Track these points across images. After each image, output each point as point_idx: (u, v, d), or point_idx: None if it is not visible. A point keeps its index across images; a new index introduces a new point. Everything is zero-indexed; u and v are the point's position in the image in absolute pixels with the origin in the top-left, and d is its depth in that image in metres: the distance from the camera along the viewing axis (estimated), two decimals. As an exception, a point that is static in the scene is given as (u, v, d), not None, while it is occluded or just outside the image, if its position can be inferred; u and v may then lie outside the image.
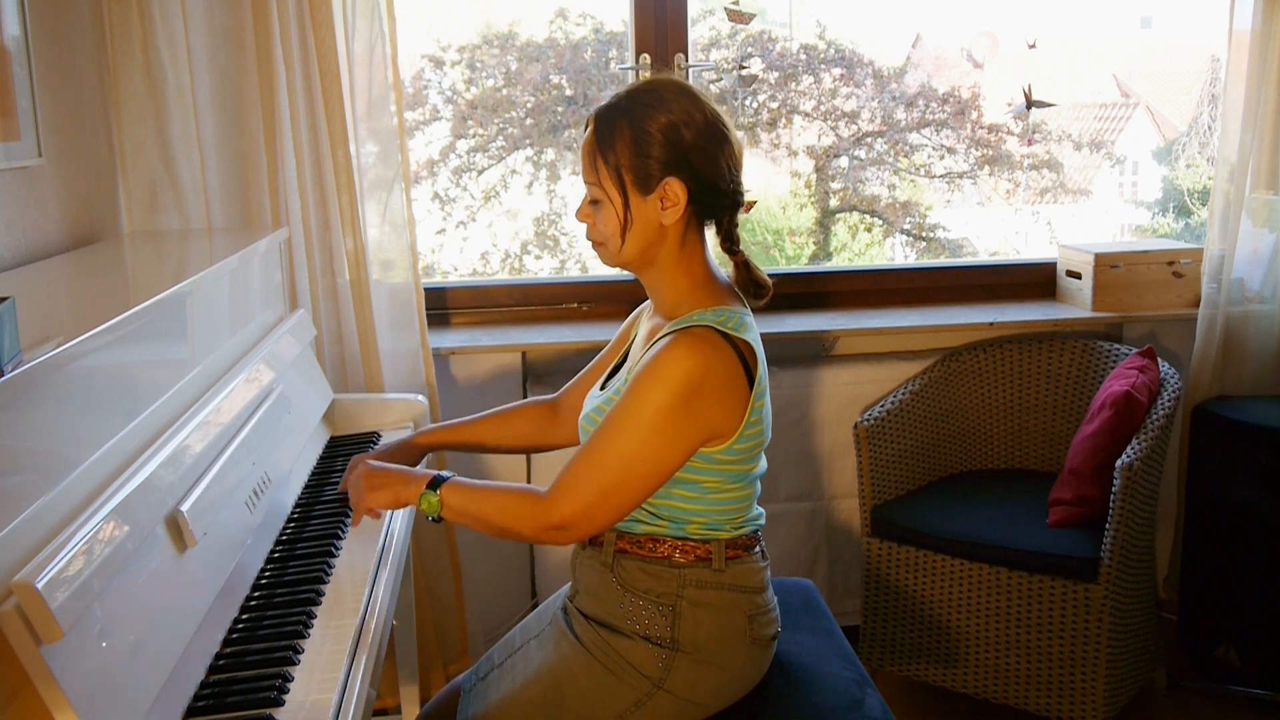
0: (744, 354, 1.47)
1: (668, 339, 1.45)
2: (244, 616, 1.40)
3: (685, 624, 1.50)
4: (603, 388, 1.63)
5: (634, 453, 1.42)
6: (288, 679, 1.24)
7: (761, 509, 1.61)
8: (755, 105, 3.41)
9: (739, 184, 1.53)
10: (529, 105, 3.32)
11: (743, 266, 1.58)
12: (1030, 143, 3.52)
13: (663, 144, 1.46)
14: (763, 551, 1.59)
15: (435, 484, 1.50)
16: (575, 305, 2.83)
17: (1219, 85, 3.12)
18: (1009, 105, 3.44)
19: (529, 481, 2.69)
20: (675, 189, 1.47)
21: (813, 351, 2.82)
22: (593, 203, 1.53)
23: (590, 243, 1.57)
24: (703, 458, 1.47)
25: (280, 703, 1.20)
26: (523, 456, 2.66)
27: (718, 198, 1.51)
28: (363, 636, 1.37)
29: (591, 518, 1.44)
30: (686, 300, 1.53)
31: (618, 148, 1.48)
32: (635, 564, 1.52)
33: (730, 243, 1.57)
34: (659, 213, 1.48)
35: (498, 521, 1.49)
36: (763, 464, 1.57)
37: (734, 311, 1.51)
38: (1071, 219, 3.70)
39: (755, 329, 1.53)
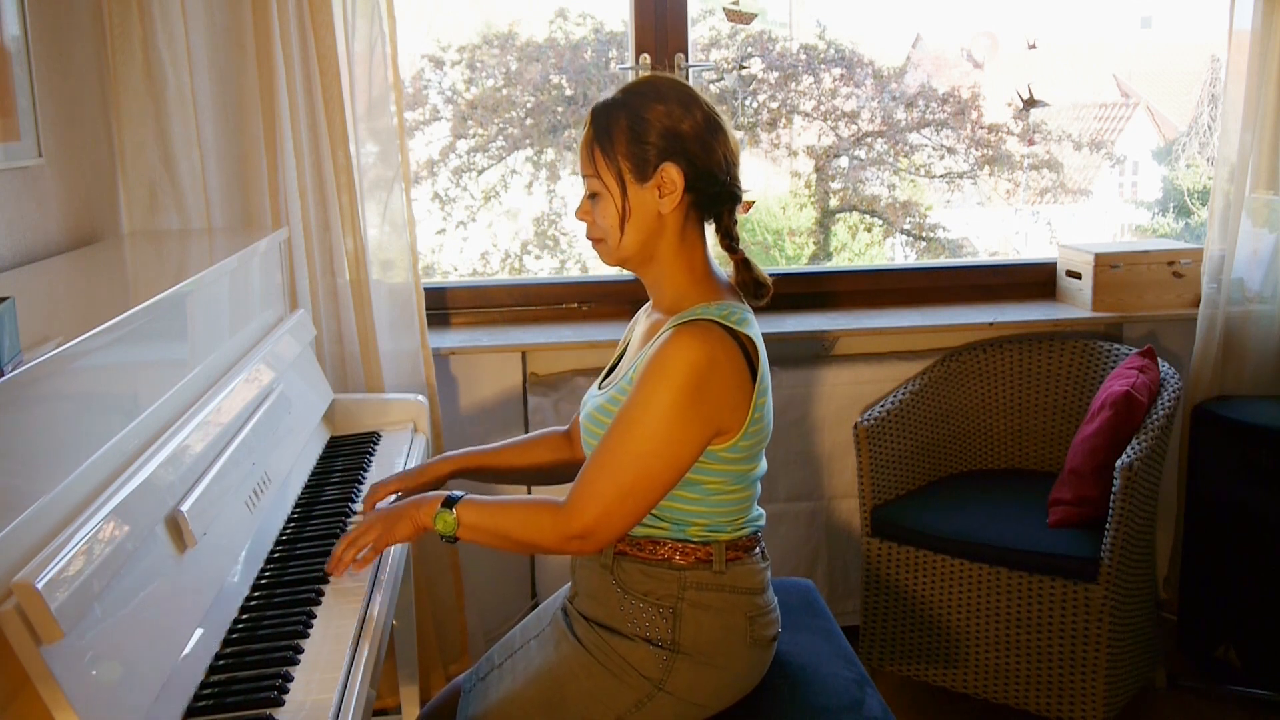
0: (747, 349, 1.47)
1: (670, 332, 1.45)
2: (244, 616, 1.40)
3: (686, 626, 1.50)
4: (601, 386, 1.62)
5: (648, 450, 1.41)
6: (288, 679, 1.24)
7: (761, 509, 1.60)
8: (755, 105, 3.41)
9: (736, 179, 1.53)
10: (529, 105, 3.32)
11: (743, 265, 1.57)
12: (1030, 143, 3.52)
13: (659, 131, 1.47)
14: (763, 552, 1.59)
15: (449, 503, 1.50)
16: (575, 305, 2.83)
17: (1219, 85, 3.13)
18: (1009, 105, 3.44)
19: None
20: (672, 174, 1.47)
21: (813, 351, 2.82)
22: (591, 197, 1.53)
23: (591, 242, 1.56)
24: (708, 456, 1.47)
25: (280, 703, 1.20)
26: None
27: (715, 187, 1.50)
28: (363, 636, 1.36)
29: (611, 522, 1.44)
30: (688, 295, 1.52)
31: (615, 136, 1.48)
32: (635, 566, 1.52)
33: (730, 240, 1.56)
34: (657, 201, 1.48)
35: (518, 536, 1.49)
36: (763, 464, 1.56)
37: (735, 307, 1.50)
38: (1071, 219, 3.70)
39: (756, 325, 1.52)
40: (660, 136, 1.47)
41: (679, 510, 1.50)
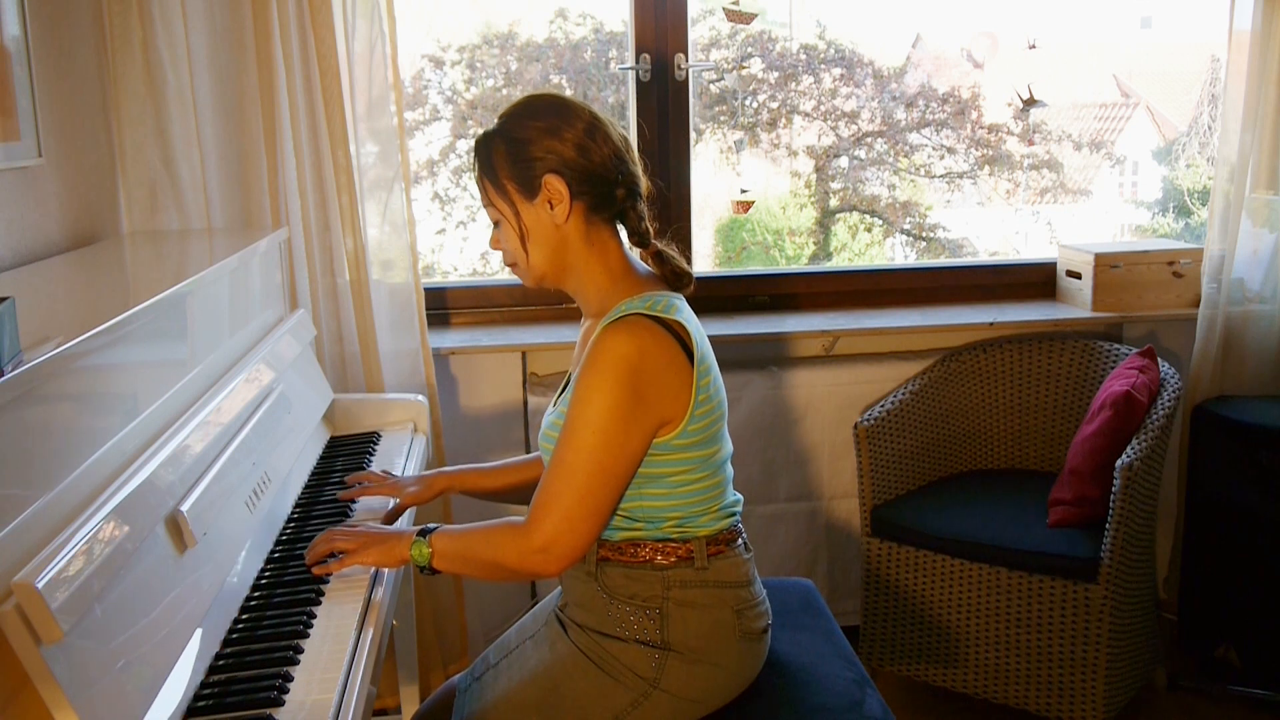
0: (679, 334, 1.48)
1: (598, 333, 1.47)
2: (244, 616, 1.40)
3: (673, 625, 1.50)
4: (555, 404, 1.63)
5: (596, 448, 1.42)
6: (288, 679, 1.24)
7: (738, 494, 1.61)
8: (755, 105, 3.41)
9: (630, 175, 1.54)
10: (529, 105, 3.31)
11: (656, 258, 1.59)
12: (1030, 143, 3.51)
13: (536, 145, 1.49)
14: (745, 544, 1.59)
15: (424, 533, 1.52)
16: (575, 305, 2.82)
17: (1219, 85, 3.13)
18: (1009, 105, 3.44)
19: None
20: (555, 184, 1.49)
21: (813, 351, 2.82)
22: (495, 226, 1.56)
23: (510, 269, 1.59)
24: (663, 448, 1.47)
25: (280, 703, 1.20)
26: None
27: (603, 187, 1.52)
28: (363, 636, 1.37)
29: (573, 529, 1.43)
30: (611, 296, 1.54)
31: (496, 163, 1.52)
32: (619, 570, 1.52)
33: (638, 236, 1.57)
34: (549, 213, 1.51)
35: (486, 555, 1.49)
36: (727, 446, 1.57)
37: (661, 296, 1.52)
38: (1071, 219, 3.70)
39: (687, 310, 1.54)
40: (538, 151, 1.49)
41: (650, 508, 1.51)
